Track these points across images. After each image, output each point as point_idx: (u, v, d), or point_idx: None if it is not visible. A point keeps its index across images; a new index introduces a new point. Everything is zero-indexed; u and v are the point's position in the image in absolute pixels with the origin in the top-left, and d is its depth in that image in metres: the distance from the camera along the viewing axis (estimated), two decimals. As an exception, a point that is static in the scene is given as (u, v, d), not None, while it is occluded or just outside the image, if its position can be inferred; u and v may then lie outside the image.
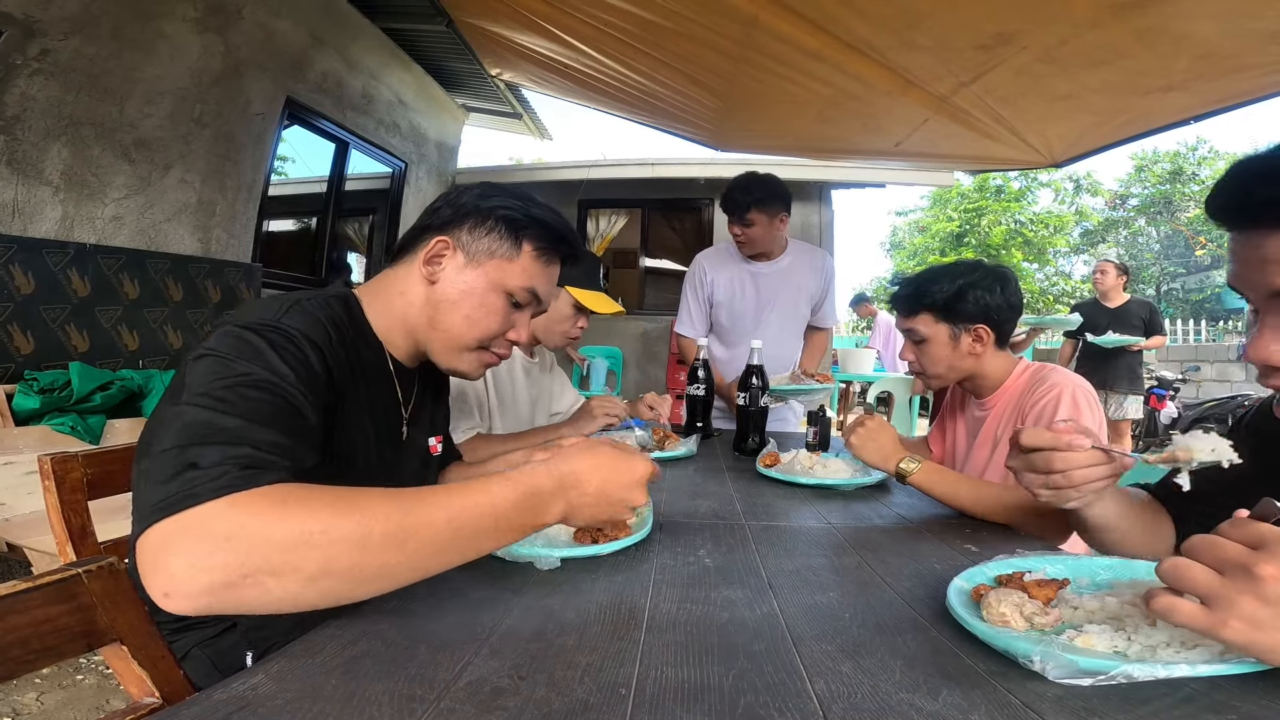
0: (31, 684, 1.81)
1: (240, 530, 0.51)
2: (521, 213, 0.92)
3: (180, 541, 0.51)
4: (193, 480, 0.53)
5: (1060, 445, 0.73)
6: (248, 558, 0.50)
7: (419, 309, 0.91)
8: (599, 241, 7.14)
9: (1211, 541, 0.48)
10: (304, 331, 0.73)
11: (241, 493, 0.53)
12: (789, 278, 2.29)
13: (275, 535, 0.52)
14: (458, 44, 4.87)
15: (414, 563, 0.57)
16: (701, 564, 0.80)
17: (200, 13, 3.39)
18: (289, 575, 0.52)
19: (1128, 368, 4.48)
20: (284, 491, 0.55)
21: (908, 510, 1.13)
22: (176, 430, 0.58)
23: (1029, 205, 19.63)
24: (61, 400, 2.61)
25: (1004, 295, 1.31)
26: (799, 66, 3.08)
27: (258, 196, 4.02)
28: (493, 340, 0.94)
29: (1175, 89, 2.59)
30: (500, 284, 0.91)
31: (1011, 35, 2.45)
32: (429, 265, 0.90)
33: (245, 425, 0.59)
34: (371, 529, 0.54)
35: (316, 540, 0.52)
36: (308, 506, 0.54)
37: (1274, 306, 0.60)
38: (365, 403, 0.87)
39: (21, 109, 2.69)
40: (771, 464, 1.38)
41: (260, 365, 0.66)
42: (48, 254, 2.79)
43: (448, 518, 0.58)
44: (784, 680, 0.51)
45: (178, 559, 0.50)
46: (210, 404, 0.60)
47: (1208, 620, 0.46)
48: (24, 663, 0.54)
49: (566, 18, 3.37)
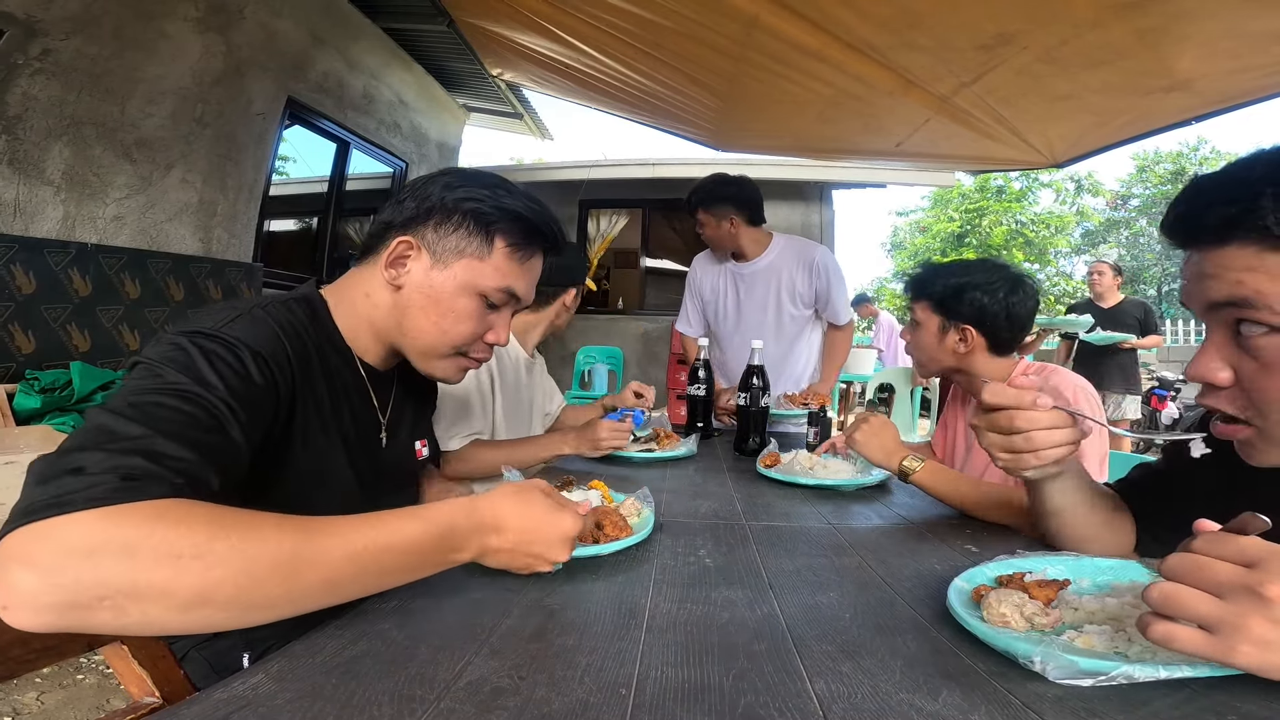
0: (32, 683, 1.81)
1: (104, 546, 0.46)
2: (491, 205, 0.83)
3: (34, 552, 0.45)
4: (68, 486, 0.48)
5: (1023, 403, 0.71)
6: (108, 577, 0.45)
7: (385, 313, 0.85)
8: (599, 242, 7.14)
9: (1197, 563, 0.46)
10: (246, 341, 0.68)
11: (116, 505, 0.47)
12: (768, 277, 2.31)
13: (141, 555, 0.46)
14: (459, 44, 4.87)
15: (307, 597, 0.52)
16: (702, 564, 0.80)
17: (202, 12, 3.39)
18: (154, 601, 0.46)
19: (1120, 367, 4.45)
20: (163, 507, 0.49)
21: (908, 511, 1.13)
22: (76, 433, 0.54)
23: (1030, 205, 19.64)
24: (63, 400, 2.61)
25: (1005, 304, 1.30)
26: (799, 66, 3.08)
27: (259, 196, 4.02)
28: (469, 345, 0.88)
29: (1176, 89, 2.58)
30: (471, 286, 0.84)
31: (1012, 35, 2.45)
32: (392, 268, 0.83)
33: (146, 434, 0.54)
34: (258, 556, 0.49)
35: (189, 565, 0.47)
36: (187, 524, 0.48)
37: (1213, 321, 0.61)
38: (332, 413, 0.82)
39: (23, 109, 2.69)
40: (772, 464, 1.38)
41: (188, 375, 0.61)
42: (49, 254, 2.79)
43: (349, 554, 0.54)
44: (784, 680, 0.51)
45: (27, 572, 0.44)
46: (119, 409, 0.56)
47: (1213, 647, 0.44)
48: (24, 662, 0.54)
49: (567, 18, 3.37)
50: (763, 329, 2.28)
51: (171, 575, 0.46)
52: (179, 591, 0.47)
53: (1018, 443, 0.72)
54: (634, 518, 0.92)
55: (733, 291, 2.35)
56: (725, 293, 2.37)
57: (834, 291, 2.31)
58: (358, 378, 0.88)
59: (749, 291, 2.32)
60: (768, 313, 2.31)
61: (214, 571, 0.47)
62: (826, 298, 2.32)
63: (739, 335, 2.33)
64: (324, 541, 0.53)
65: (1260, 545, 0.45)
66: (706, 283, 2.41)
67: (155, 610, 0.47)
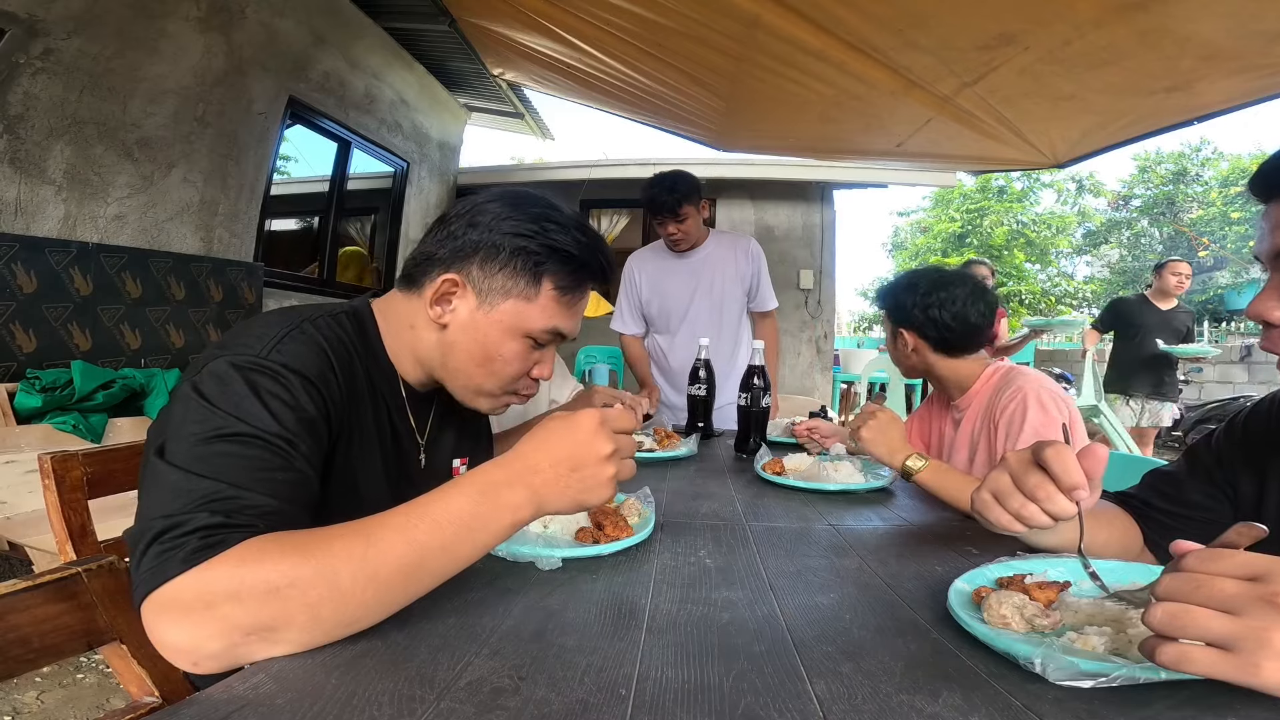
0: (32, 682, 1.81)
1: (216, 598, 0.51)
2: (540, 244, 0.80)
3: (168, 621, 0.51)
4: (160, 555, 0.52)
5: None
6: (235, 623, 0.50)
7: (429, 348, 0.84)
8: (600, 241, 7.13)
9: (1197, 581, 0.45)
10: (294, 367, 0.67)
11: (208, 560, 0.52)
12: (716, 264, 2.40)
13: (246, 597, 0.51)
14: (460, 44, 4.88)
15: (391, 593, 0.55)
16: (702, 565, 0.80)
17: (203, 12, 3.40)
18: (282, 630, 0.51)
19: (1165, 372, 4.23)
20: (244, 550, 0.53)
21: (909, 512, 1.12)
22: (153, 495, 0.57)
23: (1031, 206, 19.64)
24: (63, 399, 2.62)
25: (924, 305, 1.37)
26: (801, 66, 3.08)
27: (260, 196, 4.03)
28: (514, 382, 0.87)
29: (1178, 89, 2.58)
30: (518, 329, 0.82)
31: (1014, 35, 2.44)
32: (437, 306, 0.81)
33: (217, 486, 0.57)
34: (338, 570, 0.53)
35: (288, 594, 0.51)
36: (271, 559, 0.52)
37: (1276, 267, 0.66)
38: (374, 432, 0.81)
39: (24, 108, 2.69)
40: (779, 472, 1.35)
41: (241, 415, 0.62)
42: (50, 253, 2.79)
43: (408, 540, 0.56)
44: (784, 681, 0.51)
45: (176, 633, 0.51)
46: (186, 463, 0.58)
47: (1234, 665, 0.42)
48: (24, 661, 0.54)
49: (569, 17, 3.37)
50: (714, 314, 2.38)
51: (280, 608, 0.51)
52: (295, 618, 0.51)
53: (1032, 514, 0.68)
54: (634, 518, 0.92)
55: (680, 280, 2.42)
56: (672, 283, 2.43)
57: (762, 282, 2.45)
58: (398, 397, 0.87)
59: (697, 278, 2.40)
60: (720, 298, 2.40)
61: (310, 594, 0.52)
62: (757, 283, 2.44)
63: (686, 327, 2.40)
64: (385, 537, 0.55)
65: (1263, 559, 0.44)
66: (647, 277, 2.46)
67: (290, 635, 0.52)
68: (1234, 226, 16.04)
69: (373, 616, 0.55)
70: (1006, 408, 1.26)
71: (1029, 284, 18.53)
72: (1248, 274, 16.48)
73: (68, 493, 0.86)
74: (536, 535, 0.84)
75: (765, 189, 6.63)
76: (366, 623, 0.55)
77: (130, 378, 2.89)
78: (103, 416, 2.71)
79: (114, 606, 0.61)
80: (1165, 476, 0.90)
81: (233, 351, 0.66)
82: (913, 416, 1.67)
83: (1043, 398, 1.23)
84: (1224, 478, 0.84)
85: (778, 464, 1.38)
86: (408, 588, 0.56)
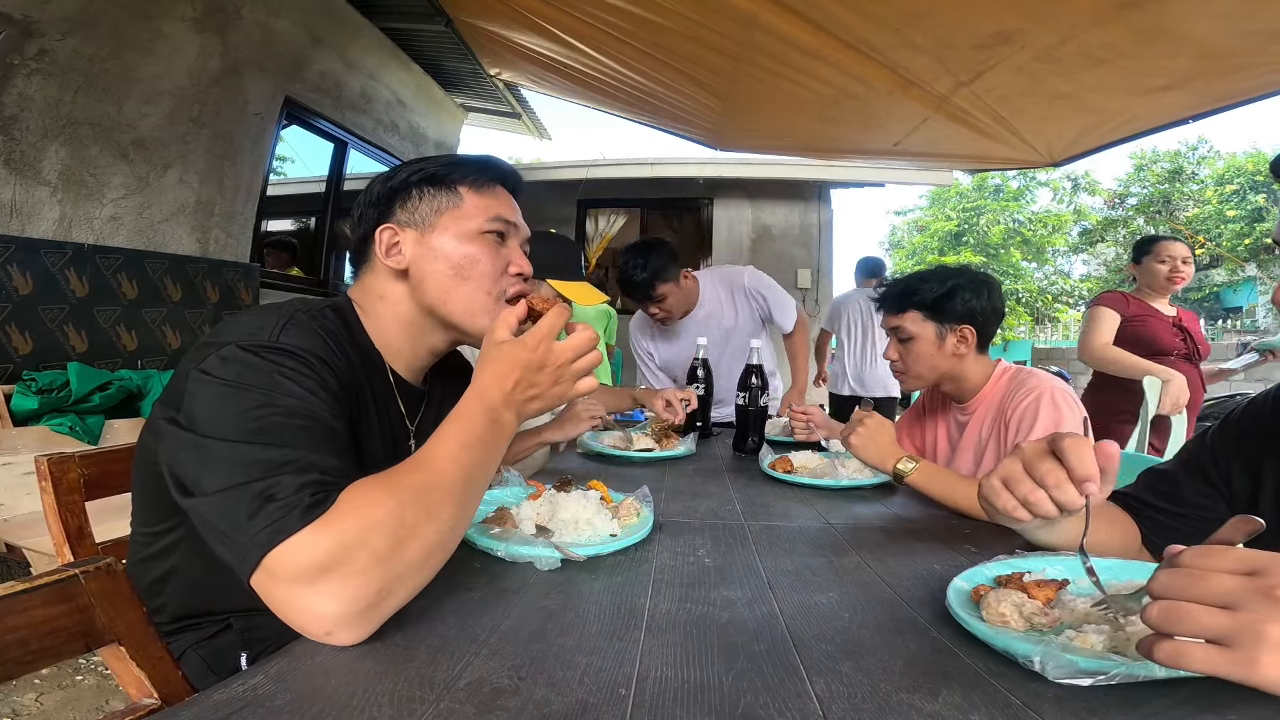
0: (31, 684, 1.81)
1: (347, 553, 0.54)
2: (438, 165, 0.88)
3: (307, 582, 0.53)
4: (272, 514, 0.55)
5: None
6: (379, 573, 0.55)
7: (408, 304, 0.87)
8: (598, 241, 7.13)
9: (1193, 576, 0.44)
10: (305, 348, 0.70)
11: (325, 515, 0.55)
12: (717, 318, 2.28)
13: (375, 544, 0.55)
14: (457, 44, 4.86)
15: (462, 506, 0.62)
16: (701, 564, 0.80)
17: (199, 12, 3.38)
18: (417, 570, 0.58)
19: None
20: (352, 503, 0.57)
21: (908, 510, 1.13)
22: (226, 469, 0.59)
23: (1027, 204, 19.66)
24: (60, 400, 2.61)
25: (989, 299, 1.36)
26: (799, 66, 3.08)
27: (256, 196, 4.01)
28: (500, 283, 0.88)
29: (1174, 88, 2.59)
30: (465, 233, 0.86)
31: (1010, 34, 2.45)
32: (390, 257, 0.86)
33: (289, 454, 0.59)
34: (427, 500, 0.59)
35: (416, 531, 0.57)
36: (382, 505, 0.57)
37: None
38: (366, 418, 0.83)
39: (19, 109, 2.68)
40: (789, 470, 1.35)
41: (278, 389, 0.64)
42: (46, 254, 2.78)
43: (459, 464, 0.63)
44: (784, 680, 0.51)
45: (319, 600, 0.53)
46: (246, 436, 0.60)
47: (1232, 661, 0.41)
48: (23, 663, 0.54)
49: (566, 17, 3.36)
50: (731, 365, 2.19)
51: (420, 546, 0.58)
52: (428, 545, 0.58)
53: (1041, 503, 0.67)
54: (633, 518, 0.92)
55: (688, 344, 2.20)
56: (680, 348, 2.29)
57: (773, 305, 2.31)
58: (387, 385, 0.88)
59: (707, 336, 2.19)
60: (731, 348, 2.27)
61: (420, 529, 0.58)
62: (768, 314, 2.31)
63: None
64: (442, 468, 0.62)
65: (1258, 553, 0.44)
66: (655, 348, 2.37)
67: (411, 580, 0.58)
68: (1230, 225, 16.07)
69: (460, 530, 0.63)
70: (1019, 405, 1.25)
71: (1025, 282, 18.56)
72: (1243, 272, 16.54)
73: (65, 495, 0.86)
74: (535, 536, 0.84)
75: (763, 188, 6.63)
76: (451, 542, 0.62)
77: (127, 379, 2.88)
78: (99, 418, 2.70)
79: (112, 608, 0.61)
80: (1161, 475, 0.90)
81: (238, 338, 0.68)
82: (899, 423, 1.61)
83: (1057, 397, 1.23)
84: (1219, 475, 0.84)
85: (786, 462, 1.37)
86: (464, 501, 0.63)
